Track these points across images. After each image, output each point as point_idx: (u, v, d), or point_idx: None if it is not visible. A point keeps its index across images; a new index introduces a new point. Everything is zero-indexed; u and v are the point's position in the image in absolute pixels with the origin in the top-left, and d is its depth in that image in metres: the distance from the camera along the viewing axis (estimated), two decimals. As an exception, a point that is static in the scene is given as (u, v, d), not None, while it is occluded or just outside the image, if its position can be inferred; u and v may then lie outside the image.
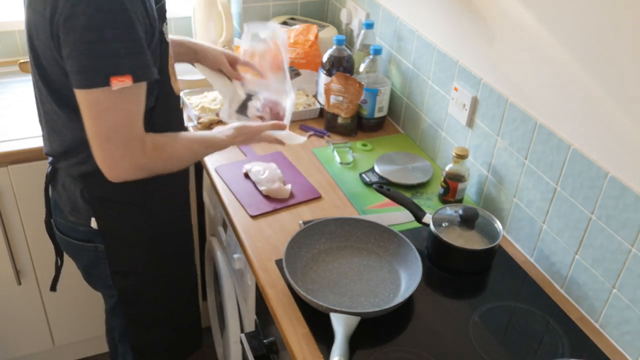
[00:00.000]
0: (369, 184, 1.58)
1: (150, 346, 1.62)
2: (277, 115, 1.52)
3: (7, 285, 1.89)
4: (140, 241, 1.42)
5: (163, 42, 1.23)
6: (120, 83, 1.06)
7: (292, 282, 1.20)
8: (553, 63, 1.23)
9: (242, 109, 1.55)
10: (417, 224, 1.41)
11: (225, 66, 1.56)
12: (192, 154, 1.29)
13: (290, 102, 1.51)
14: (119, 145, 1.13)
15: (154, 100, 1.25)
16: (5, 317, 1.96)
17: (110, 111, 1.10)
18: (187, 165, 1.32)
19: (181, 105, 1.45)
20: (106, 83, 1.05)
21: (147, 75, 1.11)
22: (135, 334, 1.58)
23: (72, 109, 1.15)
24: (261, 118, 1.52)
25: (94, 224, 1.35)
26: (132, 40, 1.07)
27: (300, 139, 1.50)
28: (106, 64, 1.05)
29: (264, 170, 1.55)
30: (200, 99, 1.82)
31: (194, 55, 1.56)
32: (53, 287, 1.60)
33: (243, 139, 1.39)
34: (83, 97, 1.09)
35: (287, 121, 1.48)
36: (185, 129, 1.50)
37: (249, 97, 1.56)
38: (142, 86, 1.13)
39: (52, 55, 1.11)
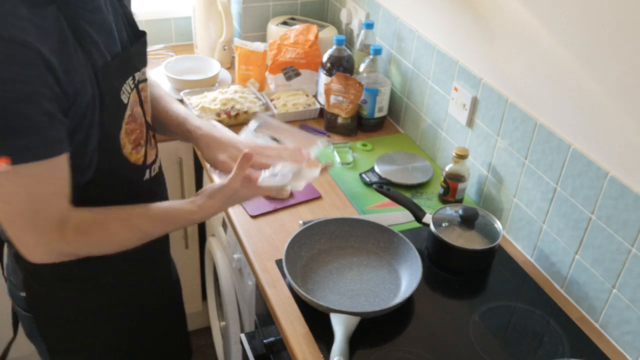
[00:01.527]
0: (369, 184, 1.58)
1: None
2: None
3: (7, 285, 1.89)
4: (86, 317, 1.19)
5: (114, 105, 1.03)
6: None
7: (292, 282, 1.20)
8: (553, 63, 1.23)
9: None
10: (417, 224, 1.41)
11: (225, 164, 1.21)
12: (141, 233, 1.07)
13: (316, 150, 1.20)
14: (26, 230, 0.96)
15: (92, 173, 1.05)
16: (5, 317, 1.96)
17: (9, 194, 0.93)
18: (139, 243, 1.08)
19: (152, 174, 1.18)
20: None
21: (34, 156, 0.91)
22: None
23: None
24: None
25: (23, 292, 1.17)
26: (15, 118, 0.88)
27: (315, 171, 1.17)
28: None
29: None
30: (200, 99, 1.82)
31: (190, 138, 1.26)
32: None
33: (233, 200, 1.11)
34: None
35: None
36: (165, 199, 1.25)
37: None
38: (52, 163, 0.93)
39: None
